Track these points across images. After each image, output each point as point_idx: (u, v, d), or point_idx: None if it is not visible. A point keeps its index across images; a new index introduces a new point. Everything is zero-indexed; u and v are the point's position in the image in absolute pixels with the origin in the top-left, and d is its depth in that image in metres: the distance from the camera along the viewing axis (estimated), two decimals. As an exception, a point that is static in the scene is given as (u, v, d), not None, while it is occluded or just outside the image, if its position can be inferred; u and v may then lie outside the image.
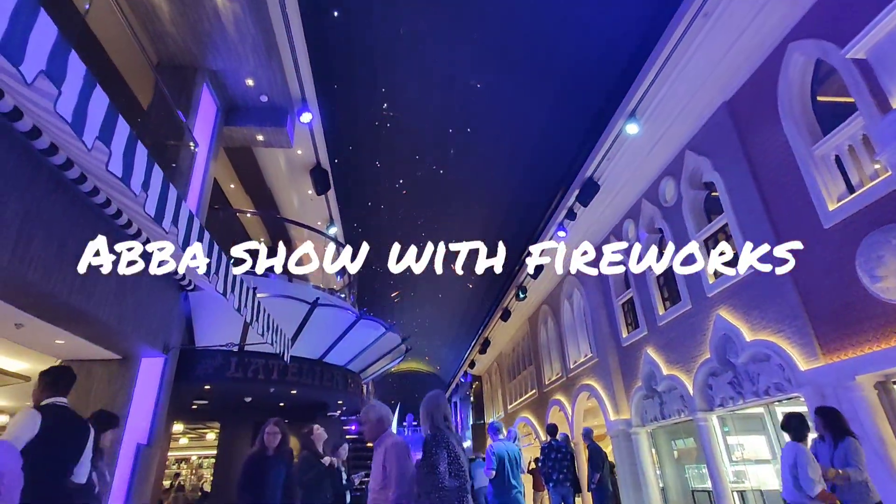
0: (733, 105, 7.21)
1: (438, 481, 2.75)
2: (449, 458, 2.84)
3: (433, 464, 2.80)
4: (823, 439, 4.03)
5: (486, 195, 14.51)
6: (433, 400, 3.17)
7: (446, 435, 2.95)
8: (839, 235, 5.51)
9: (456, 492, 2.79)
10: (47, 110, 2.41)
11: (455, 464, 2.86)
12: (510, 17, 8.48)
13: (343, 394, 8.74)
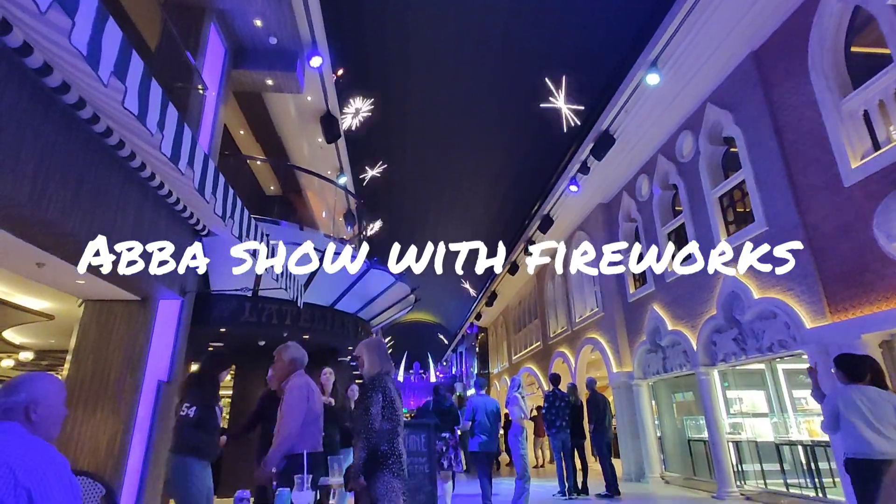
0: (760, 56, 6.90)
1: (369, 422, 2.88)
2: (383, 402, 2.95)
3: (367, 406, 2.93)
4: None
5: (499, 146, 14.25)
6: (373, 346, 3.24)
7: (384, 380, 3.05)
8: (859, 194, 5.40)
9: (386, 434, 2.92)
10: (59, 45, 2.37)
11: (389, 408, 2.97)
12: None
13: (353, 340, 8.98)
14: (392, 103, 11.96)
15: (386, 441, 2.94)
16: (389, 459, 2.93)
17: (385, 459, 2.92)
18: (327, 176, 10.87)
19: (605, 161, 10.05)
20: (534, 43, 9.82)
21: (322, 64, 7.88)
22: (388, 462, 2.92)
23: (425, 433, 5.54)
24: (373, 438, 2.87)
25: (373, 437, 2.88)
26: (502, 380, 21.02)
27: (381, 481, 2.88)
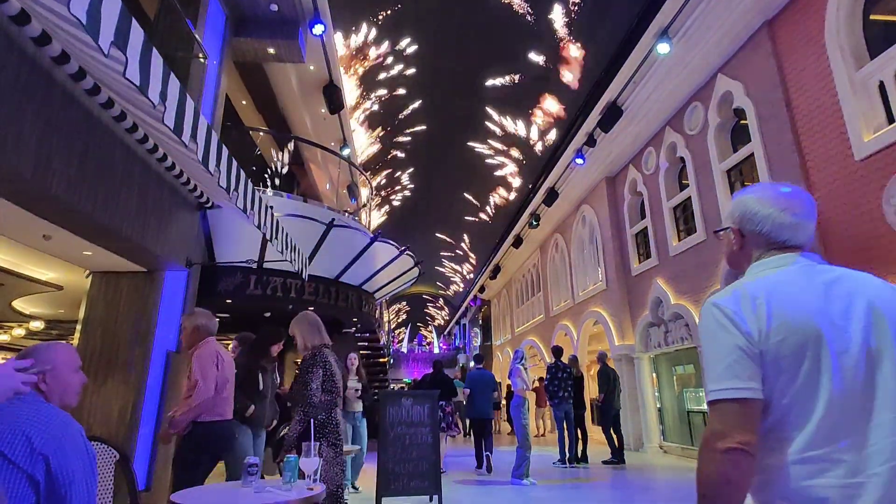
0: (774, 25, 6.70)
1: (309, 396, 2.95)
2: (324, 376, 3.02)
3: (306, 381, 2.99)
4: None
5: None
6: (302, 321, 3.27)
7: (324, 353, 3.11)
8: (870, 168, 5.32)
9: (325, 405, 3.01)
10: (57, 13, 2.32)
11: (329, 381, 3.05)
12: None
13: (357, 312, 9.07)
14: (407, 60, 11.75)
15: (324, 411, 3.02)
16: (326, 429, 2.99)
17: (322, 429, 2.97)
18: (331, 147, 10.78)
19: (612, 134, 9.93)
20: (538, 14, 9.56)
21: (324, 32, 7.71)
22: (325, 431, 2.98)
23: (429, 403, 5.64)
24: (310, 412, 2.93)
25: (310, 410, 2.94)
26: (505, 351, 21.29)
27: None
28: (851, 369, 0.93)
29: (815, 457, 0.91)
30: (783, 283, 1.04)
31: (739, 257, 1.23)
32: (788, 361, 0.95)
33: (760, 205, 1.15)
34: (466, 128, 14.26)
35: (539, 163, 13.74)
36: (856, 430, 0.90)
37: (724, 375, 0.97)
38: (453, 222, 21.55)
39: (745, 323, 0.99)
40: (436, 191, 18.86)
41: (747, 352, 0.97)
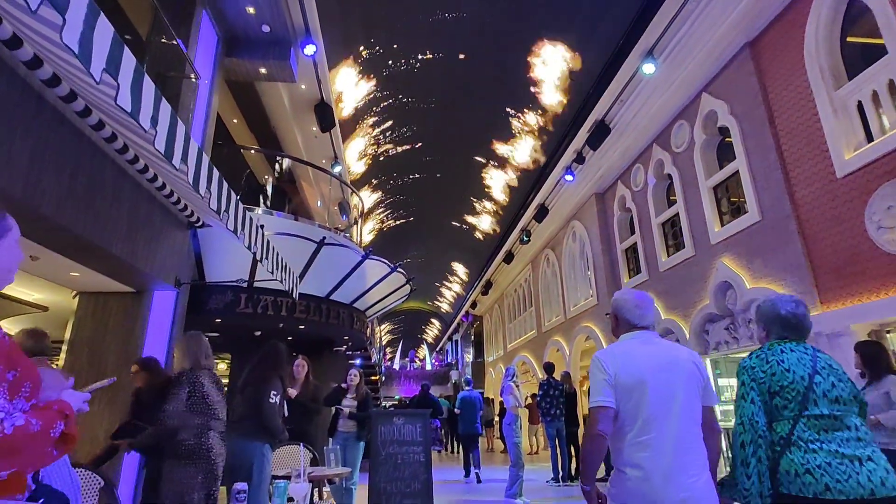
0: (756, 46, 6.89)
1: (164, 417, 2.98)
2: (192, 398, 3.00)
3: (167, 401, 3.03)
4: (864, 376, 3.80)
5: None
6: (182, 343, 3.28)
7: (195, 376, 3.08)
8: (852, 185, 5.44)
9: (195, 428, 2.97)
10: (49, 39, 2.34)
11: (201, 402, 3.02)
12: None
13: (349, 330, 9.01)
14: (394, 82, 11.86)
15: (194, 436, 2.95)
16: (195, 455, 2.93)
17: (190, 455, 2.91)
18: (322, 165, 10.82)
19: (601, 150, 10.08)
20: (526, 31, 9.74)
21: (316, 52, 7.80)
22: (194, 457, 2.92)
23: (420, 422, 5.60)
24: (161, 433, 2.94)
25: (162, 431, 2.94)
26: (497, 368, 21.19)
27: (184, 475, 2.89)
28: (658, 398, 1.83)
29: (637, 442, 1.81)
30: (630, 347, 1.99)
31: (617, 331, 2.16)
32: (628, 391, 1.85)
33: (626, 303, 2.10)
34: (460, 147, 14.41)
35: (529, 179, 13.87)
36: (657, 430, 1.80)
37: (596, 394, 1.88)
38: (445, 238, 21.60)
39: (609, 368, 1.91)
40: (428, 207, 18.92)
41: (609, 383, 1.88)
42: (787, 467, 1.78)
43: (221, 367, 18.29)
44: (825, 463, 1.72)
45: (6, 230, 1.30)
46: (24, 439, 1.04)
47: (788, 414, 1.86)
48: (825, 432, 1.79)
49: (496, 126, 12.97)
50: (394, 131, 13.64)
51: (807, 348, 2.00)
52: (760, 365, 1.95)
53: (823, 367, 1.92)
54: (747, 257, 6.99)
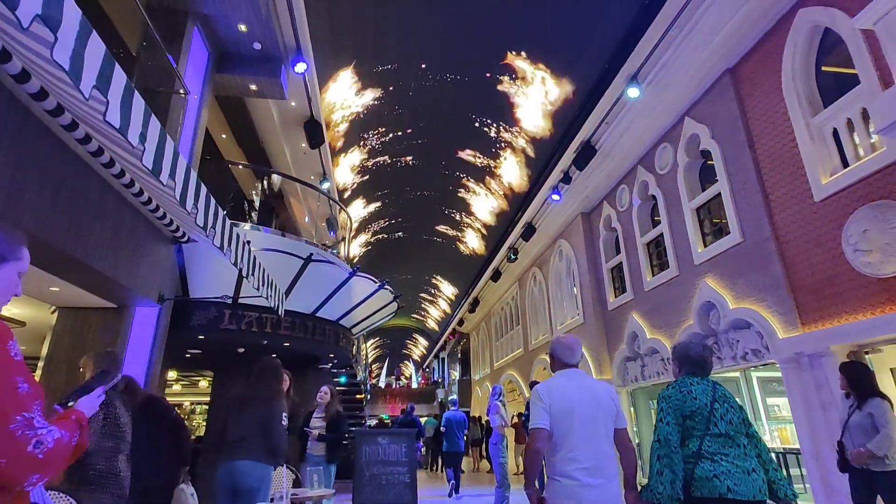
0: (736, 73, 7.11)
1: None
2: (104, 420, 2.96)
3: None
4: (848, 397, 3.86)
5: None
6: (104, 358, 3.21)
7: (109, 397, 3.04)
8: (829, 209, 5.59)
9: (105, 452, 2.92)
10: (38, 54, 2.33)
11: (113, 425, 2.98)
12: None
13: (334, 348, 8.92)
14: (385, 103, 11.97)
15: (105, 459, 2.88)
16: (105, 478, 2.86)
17: (100, 479, 2.85)
18: (310, 181, 10.82)
19: (587, 171, 10.24)
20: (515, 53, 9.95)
21: (306, 70, 7.87)
22: (104, 481, 2.86)
23: (406, 442, 5.53)
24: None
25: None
26: (484, 386, 21.06)
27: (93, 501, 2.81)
28: (583, 424, 2.40)
29: (567, 457, 2.35)
30: (562, 382, 2.57)
31: (553, 367, 2.77)
32: (559, 417, 2.41)
33: (560, 346, 2.72)
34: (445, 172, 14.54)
35: (517, 198, 14.01)
36: (581, 448, 2.34)
37: (536, 419, 2.41)
38: (433, 255, 21.61)
39: (545, 399, 2.47)
40: (416, 223, 18.96)
41: (545, 410, 2.43)
42: (700, 474, 2.27)
43: (203, 385, 17.94)
44: (727, 471, 2.24)
45: (12, 256, 1.29)
46: (60, 450, 1.08)
47: (697, 433, 2.36)
48: (724, 447, 2.32)
49: (484, 145, 13.13)
50: (383, 148, 13.73)
51: (709, 382, 2.54)
52: (675, 394, 2.46)
53: (720, 396, 2.44)
54: (730, 278, 7.11)
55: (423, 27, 9.80)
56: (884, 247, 4.91)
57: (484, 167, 14.06)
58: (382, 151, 13.85)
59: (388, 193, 16.36)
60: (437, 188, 16.04)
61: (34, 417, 1.07)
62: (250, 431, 3.41)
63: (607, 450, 2.42)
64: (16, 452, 1.01)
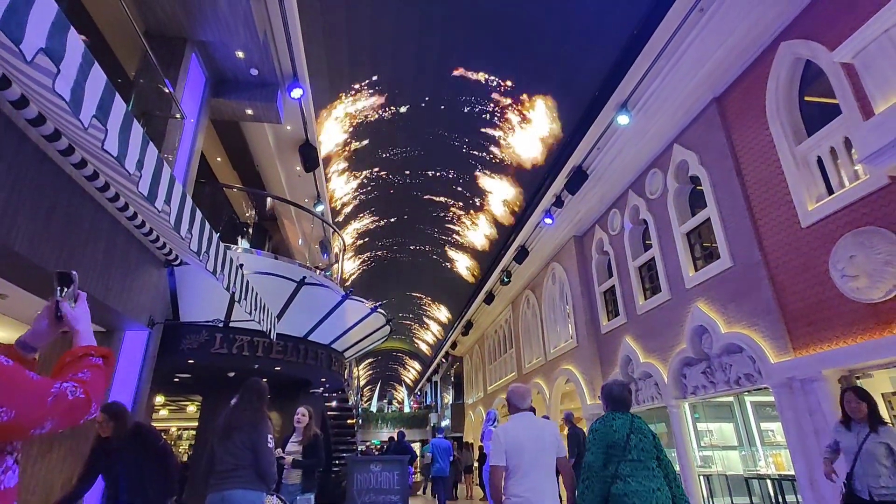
0: (722, 101, 7.30)
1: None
2: None
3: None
4: (848, 425, 3.85)
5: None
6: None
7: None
8: (816, 235, 5.69)
9: None
10: (38, 82, 2.37)
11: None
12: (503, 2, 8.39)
13: (326, 372, 8.82)
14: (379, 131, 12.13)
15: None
16: None
17: None
18: (304, 204, 10.85)
19: (579, 195, 10.36)
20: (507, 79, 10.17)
21: (303, 95, 7.98)
22: None
23: (398, 469, 5.44)
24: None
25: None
26: (477, 410, 20.81)
27: None
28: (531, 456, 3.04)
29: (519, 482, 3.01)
30: (516, 424, 3.20)
31: (510, 410, 3.41)
32: (513, 452, 3.04)
33: (514, 394, 3.36)
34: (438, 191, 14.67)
35: (510, 221, 14.12)
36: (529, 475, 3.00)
37: (495, 456, 3.08)
38: (426, 277, 21.59)
39: (502, 439, 3.09)
40: (409, 246, 19.00)
41: (502, 449, 3.06)
42: (615, 492, 2.80)
43: (191, 410, 17.57)
44: (635, 490, 2.77)
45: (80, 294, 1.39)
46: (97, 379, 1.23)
47: (615, 459, 2.90)
48: (636, 470, 2.85)
49: (478, 167, 13.27)
50: (378, 169, 13.84)
51: (628, 416, 3.08)
52: (601, 428, 3.04)
53: (636, 429, 3.00)
54: (721, 302, 7.16)
55: (418, 52, 10.01)
56: (871, 272, 4.99)
57: (477, 190, 14.19)
58: (377, 172, 13.96)
59: (381, 215, 16.43)
60: (430, 210, 16.13)
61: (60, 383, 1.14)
62: (239, 459, 3.32)
63: (550, 475, 3.08)
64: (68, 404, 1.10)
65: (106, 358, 1.31)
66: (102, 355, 1.29)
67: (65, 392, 1.10)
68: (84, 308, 1.37)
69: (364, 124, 11.66)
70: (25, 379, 1.06)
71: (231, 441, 3.38)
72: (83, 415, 1.14)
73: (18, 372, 1.06)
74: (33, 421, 1.05)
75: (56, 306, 1.30)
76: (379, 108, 11.28)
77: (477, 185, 13.96)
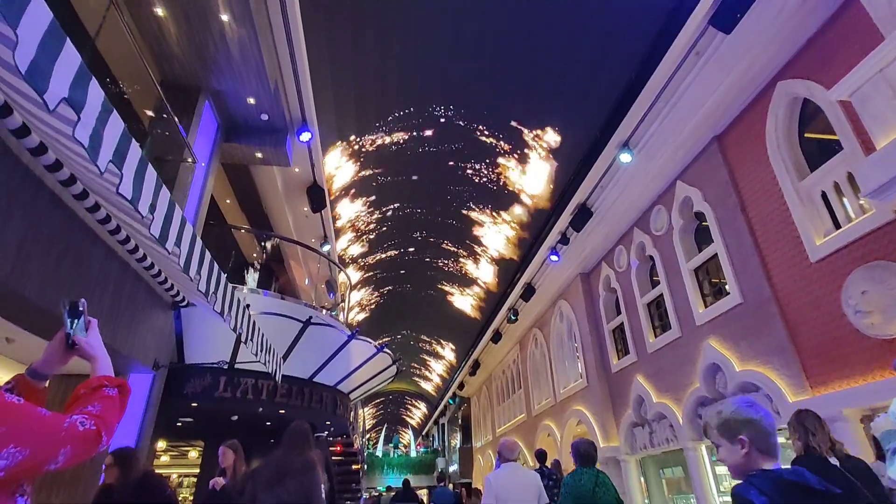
0: (723, 139, 7.41)
1: None
2: None
3: None
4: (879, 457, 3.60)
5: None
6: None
7: None
8: (826, 270, 5.63)
9: None
10: (58, 130, 2.45)
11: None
12: (506, 40, 8.70)
13: (331, 415, 8.64)
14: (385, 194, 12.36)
15: None
16: None
17: None
18: (311, 244, 10.94)
19: (584, 232, 10.39)
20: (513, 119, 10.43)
21: (311, 139, 8.20)
22: None
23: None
24: None
25: None
26: (486, 454, 20.17)
27: None
28: (517, 500, 3.70)
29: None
30: (505, 473, 3.88)
31: (500, 460, 4.10)
32: (502, 497, 3.68)
33: (504, 447, 4.12)
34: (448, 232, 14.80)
35: (516, 259, 14.12)
36: None
37: (486, 498, 3.73)
38: (432, 317, 21.43)
39: (493, 485, 3.75)
40: (415, 285, 18.97)
41: (492, 494, 3.72)
42: None
43: (192, 456, 17.14)
44: None
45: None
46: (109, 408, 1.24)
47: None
48: None
49: (483, 206, 13.41)
50: (382, 210, 14.01)
51: (594, 471, 3.73)
52: (571, 482, 3.70)
53: (600, 482, 3.64)
54: (733, 339, 7.03)
55: (421, 97, 10.31)
56: (884, 308, 4.91)
57: (483, 227, 14.28)
58: (385, 211, 14.12)
59: (387, 257, 16.50)
60: (436, 248, 16.20)
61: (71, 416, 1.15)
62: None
63: None
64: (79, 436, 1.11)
65: (121, 388, 1.30)
66: (117, 385, 1.29)
67: (75, 425, 1.11)
68: (97, 335, 1.38)
69: (371, 162, 11.90)
70: (38, 416, 1.07)
71: (283, 487, 3.19)
72: (95, 448, 1.14)
73: (30, 410, 1.07)
74: (48, 457, 1.06)
75: (67, 338, 1.31)
76: (387, 147, 11.54)
77: (483, 221, 14.07)
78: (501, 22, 8.28)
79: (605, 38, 7.90)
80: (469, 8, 8.20)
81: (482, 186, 12.63)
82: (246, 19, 5.78)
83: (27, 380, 1.30)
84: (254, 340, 4.27)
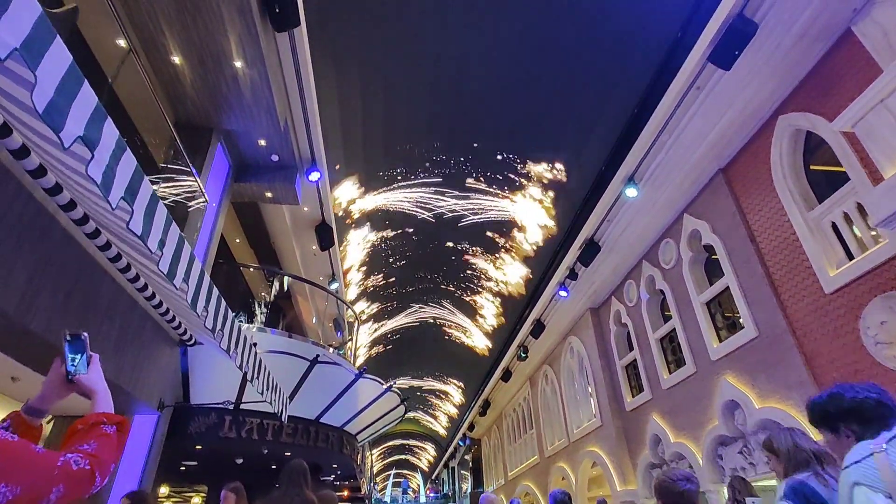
0: (729, 172, 7.43)
1: None
2: None
3: None
4: None
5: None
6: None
7: None
8: (842, 301, 5.52)
9: None
10: (72, 168, 2.50)
11: None
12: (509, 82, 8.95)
13: (338, 456, 8.40)
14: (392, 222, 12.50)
15: None
16: None
17: None
18: (319, 282, 10.95)
19: (592, 267, 10.31)
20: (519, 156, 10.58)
21: (320, 178, 8.34)
22: None
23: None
24: None
25: None
26: (498, 500, 19.38)
27: None
28: None
29: None
30: None
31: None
32: None
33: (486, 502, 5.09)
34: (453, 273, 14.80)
35: (525, 295, 14.01)
36: None
37: None
38: (441, 356, 21.13)
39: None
40: (423, 325, 18.82)
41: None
42: None
43: (195, 502, 16.63)
44: None
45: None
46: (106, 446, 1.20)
47: None
48: None
49: (492, 243, 13.43)
50: (391, 247, 14.07)
51: None
52: None
53: None
54: (750, 374, 6.83)
55: (427, 141, 10.53)
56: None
57: (491, 264, 14.26)
58: (389, 255, 14.18)
59: (394, 294, 16.45)
60: (444, 286, 16.15)
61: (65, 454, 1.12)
62: None
63: None
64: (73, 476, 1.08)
65: (120, 425, 1.27)
66: (116, 423, 1.26)
67: (69, 464, 1.08)
68: (98, 369, 1.34)
69: (376, 202, 12.04)
70: (31, 455, 1.04)
71: None
72: (88, 488, 1.10)
73: (24, 448, 1.04)
74: (39, 496, 1.03)
75: (66, 373, 1.28)
76: (394, 187, 11.70)
77: (491, 259, 14.06)
78: (504, 67, 8.53)
79: (606, 76, 8.10)
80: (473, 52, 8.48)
81: (489, 223, 12.70)
82: (257, 61, 5.99)
83: (23, 417, 1.27)
84: (260, 378, 4.21)
